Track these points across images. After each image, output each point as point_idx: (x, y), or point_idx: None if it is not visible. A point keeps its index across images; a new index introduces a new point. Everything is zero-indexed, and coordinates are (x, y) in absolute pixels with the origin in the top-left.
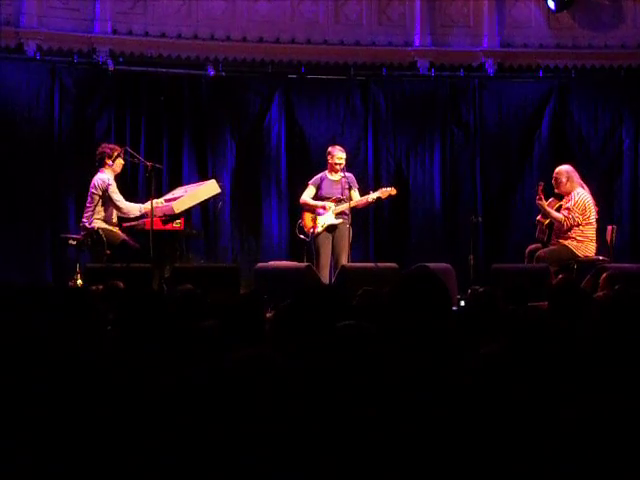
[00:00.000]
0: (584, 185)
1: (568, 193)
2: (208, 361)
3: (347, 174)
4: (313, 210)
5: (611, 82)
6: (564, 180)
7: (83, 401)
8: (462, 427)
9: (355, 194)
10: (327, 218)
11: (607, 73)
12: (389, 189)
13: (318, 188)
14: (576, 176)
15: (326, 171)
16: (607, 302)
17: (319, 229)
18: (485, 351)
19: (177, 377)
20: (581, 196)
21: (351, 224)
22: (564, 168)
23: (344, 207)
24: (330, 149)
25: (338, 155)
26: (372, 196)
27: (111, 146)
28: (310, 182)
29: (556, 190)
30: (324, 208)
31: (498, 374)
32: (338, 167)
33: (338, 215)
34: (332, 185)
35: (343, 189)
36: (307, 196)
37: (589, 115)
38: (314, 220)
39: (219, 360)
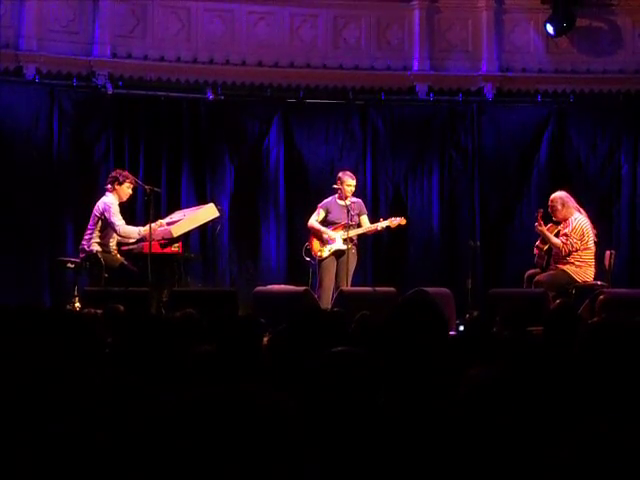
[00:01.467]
0: (581, 209)
1: (565, 219)
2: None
3: (356, 200)
4: (320, 236)
5: (609, 107)
6: (559, 207)
7: (75, 425)
8: (451, 455)
9: (365, 220)
10: (335, 244)
11: (605, 98)
12: (399, 219)
13: (327, 212)
14: (571, 201)
15: (335, 196)
16: (589, 331)
17: (326, 253)
18: (471, 377)
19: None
20: (579, 221)
21: (358, 250)
22: (558, 195)
23: (353, 233)
24: (340, 175)
25: (348, 182)
26: (382, 225)
27: (125, 174)
28: (320, 205)
29: (553, 217)
30: (330, 239)
31: (485, 400)
32: (348, 193)
33: (346, 241)
34: (341, 210)
35: (352, 215)
36: (315, 220)
37: (587, 140)
38: (322, 244)
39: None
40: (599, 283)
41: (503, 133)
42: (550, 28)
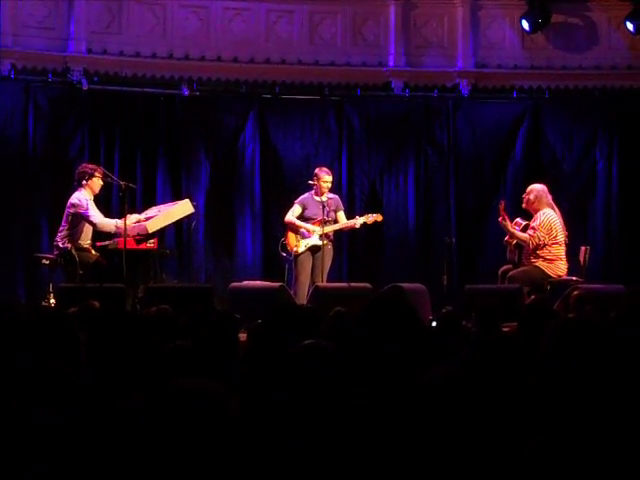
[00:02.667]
0: (554, 207)
1: (535, 211)
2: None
3: (333, 196)
4: (297, 230)
5: (585, 103)
6: (532, 198)
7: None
8: (417, 447)
9: (341, 216)
10: (311, 239)
11: (581, 94)
12: (375, 215)
13: (304, 208)
14: (546, 197)
15: (312, 192)
16: (556, 328)
17: (302, 249)
18: (435, 371)
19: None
20: (547, 216)
21: (334, 246)
22: (536, 187)
23: (329, 229)
24: (317, 171)
25: (324, 178)
26: (359, 221)
27: (92, 166)
28: (296, 201)
29: (523, 205)
30: (309, 232)
31: (448, 394)
32: (325, 190)
33: (322, 237)
34: (317, 206)
35: (328, 211)
36: (292, 215)
37: (563, 136)
38: (298, 240)
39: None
40: (574, 279)
41: (479, 129)
42: (526, 24)
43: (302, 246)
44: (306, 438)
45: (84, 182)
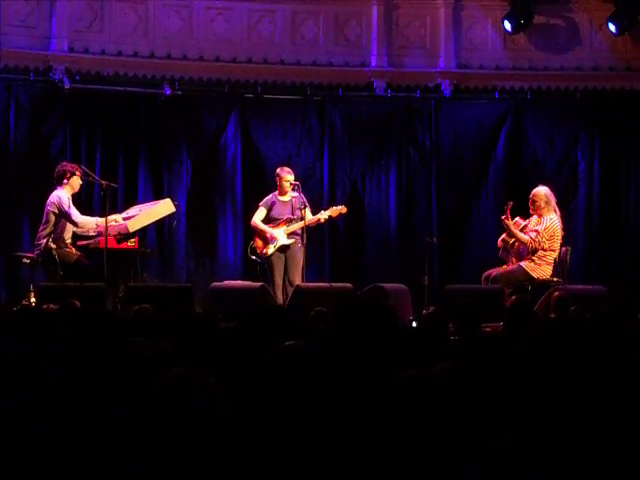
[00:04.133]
0: (557, 209)
1: (540, 215)
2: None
3: (296, 194)
4: (264, 235)
5: (567, 104)
6: (542, 204)
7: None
8: (397, 447)
9: (307, 213)
10: (279, 240)
11: (563, 95)
12: (339, 207)
13: (269, 210)
14: (553, 200)
15: (275, 192)
16: (536, 329)
17: (271, 250)
18: (424, 371)
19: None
20: (553, 222)
21: (304, 243)
22: (543, 190)
23: (295, 227)
24: (278, 171)
25: (286, 177)
26: (324, 215)
27: (72, 165)
28: (261, 204)
29: (531, 210)
30: (273, 238)
31: (437, 393)
32: (287, 189)
33: (290, 235)
34: (283, 206)
35: (294, 209)
36: (258, 219)
37: (545, 137)
38: (266, 241)
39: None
40: (555, 279)
41: (461, 130)
42: (508, 25)
43: (271, 247)
44: (289, 439)
45: (64, 181)
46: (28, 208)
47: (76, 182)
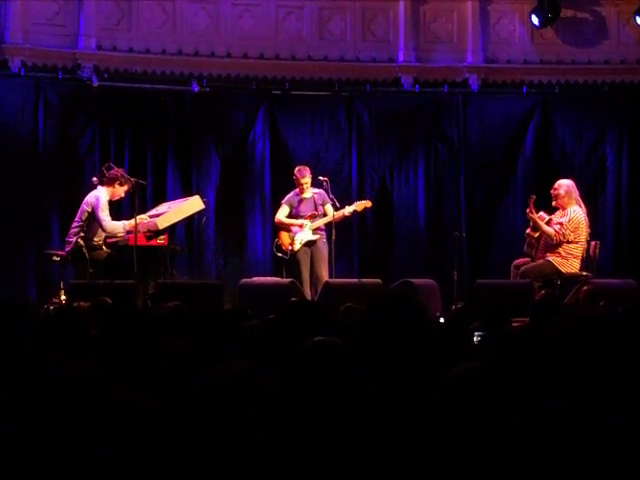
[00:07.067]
0: (582, 204)
1: (564, 208)
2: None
3: (318, 190)
4: (289, 228)
5: (595, 98)
6: (562, 193)
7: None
8: (433, 443)
9: (329, 209)
10: (305, 234)
11: (591, 89)
12: (364, 202)
13: (292, 207)
14: (575, 193)
15: (296, 190)
16: (564, 323)
17: (297, 246)
18: (462, 368)
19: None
20: (577, 214)
21: (328, 239)
22: (565, 182)
23: (320, 222)
24: (295, 172)
25: (302, 180)
26: (349, 209)
27: (127, 176)
28: (283, 201)
29: (553, 202)
30: (301, 226)
31: (473, 391)
32: (306, 188)
33: (315, 231)
34: (305, 203)
35: (317, 205)
36: (282, 215)
37: (573, 131)
38: (292, 237)
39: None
40: (584, 274)
41: (488, 124)
42: (535, 19)
43: (297, 244)
44: (317, 436)
45: (113, 184)
46: (57, 206)
47: (119, 191)
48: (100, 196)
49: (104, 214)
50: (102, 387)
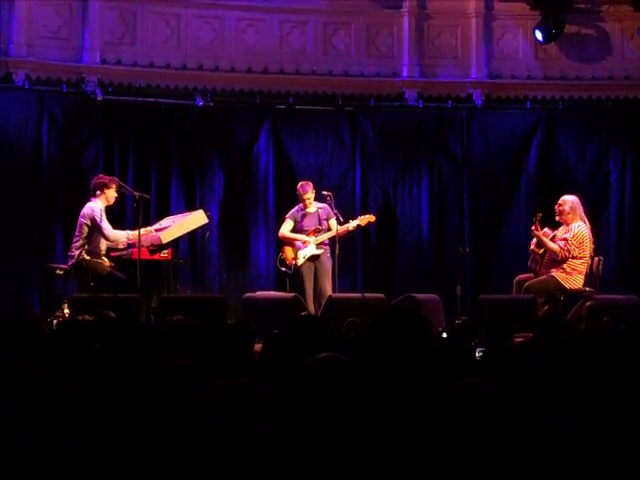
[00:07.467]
0: (586, 220)
1: (567, 223)
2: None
3: (322, 205)
4: (293, 243)
5: (598, 114)
6: (567, 209)
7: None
8: (435, 458)
9: (333, 223)
10: (309, 249)
11: (594, 105)
12: (368, 216)
13: (296, 221)
14: (580, 209)
15: (300, 205)
16: (566, 339)
17: (301, 260)
18: (464, 383)
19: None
20: (581, 229)
21: (331, 254)
22: (570, 198)
23: (324, 237)
24: (298, 187)
25: (305, 196)
26: (352, 224)
27: (108, 177)
28: (287, 216)
29: (557, 218)
30: (304, 243)
31: (475, 407)
32: (309, 203)
33: (319, 245)
34: (309, 218)
35: (321, 220)
36: (286, 230)
37: (576, 146)
38: (295, 252)
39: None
40: (587, 289)
41: (492, 139)
42: (539, 34)
43: (301, 258)
44: (321, 451)
45: (99, 192)
46: (61, 220)
47: (111, 195)
48: (95, 207)
49: (104, 223)
50: (106, 400)
